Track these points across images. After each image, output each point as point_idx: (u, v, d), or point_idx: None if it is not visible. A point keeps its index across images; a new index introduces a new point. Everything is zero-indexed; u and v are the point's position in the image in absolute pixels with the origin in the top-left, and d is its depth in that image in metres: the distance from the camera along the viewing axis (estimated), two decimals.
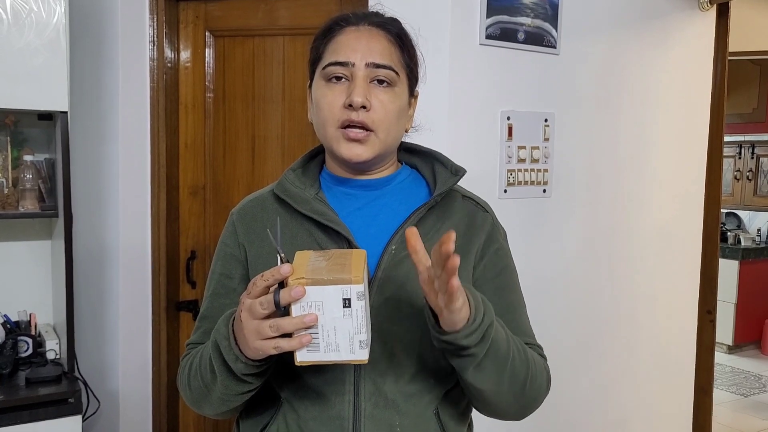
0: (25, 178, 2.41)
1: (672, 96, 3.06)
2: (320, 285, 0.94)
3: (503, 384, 1.12)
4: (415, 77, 1.27)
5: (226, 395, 1.13)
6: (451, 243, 0.88)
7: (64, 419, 2.21)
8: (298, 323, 0.95)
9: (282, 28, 2.61)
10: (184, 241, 2.75)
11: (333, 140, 1.19)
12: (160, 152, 2.67)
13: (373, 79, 1.18)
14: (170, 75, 2.68)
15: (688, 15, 3.09)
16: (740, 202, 6.90)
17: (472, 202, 1.30)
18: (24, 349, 2.41)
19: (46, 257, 2.66)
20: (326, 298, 0.95)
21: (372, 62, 1.17)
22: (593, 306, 2.88)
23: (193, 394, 1.20)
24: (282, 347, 0.97)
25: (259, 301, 0.97)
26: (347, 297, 0.95)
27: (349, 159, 1.18)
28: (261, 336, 0.98)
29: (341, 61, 1.17)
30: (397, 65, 1.20)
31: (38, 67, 2.25)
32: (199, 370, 1.16)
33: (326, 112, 1.18)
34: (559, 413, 2.78)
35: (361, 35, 1.20)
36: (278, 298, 0.95)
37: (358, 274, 0.95)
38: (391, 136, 1.20)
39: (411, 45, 1.26)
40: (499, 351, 1.08)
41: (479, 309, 1.03)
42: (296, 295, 0.94)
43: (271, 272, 0.97)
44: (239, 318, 1.01)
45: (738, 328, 6.57)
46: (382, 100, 1.17)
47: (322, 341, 0.97)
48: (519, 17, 2.51)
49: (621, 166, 2.90)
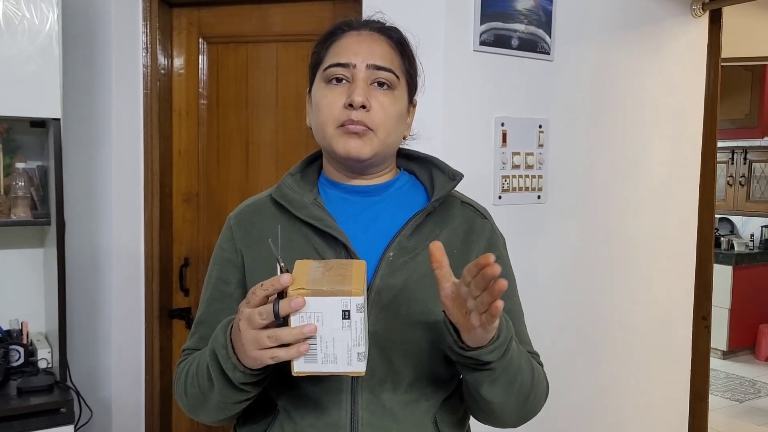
0: (18, 185, 2.39)
1: (665, 102, 3.07)
2: (320, 296, 0.94)
3: (512, 396, 1.12)
4: (414, 85, 1.27)
5: (223, 403, 1.12)
6: (497, 266, 0.89)
7: (56, 429, 2.18)
8: (297, 334, 0.94)
9: (275, 35, 2.60)
10: (178, 249, 2.74)
11: (332, 138, 1.18)
12: (153, 159, 2.66)
13: (374, 81, 1.18)
14: (163, 82, 2.67)
15: (681, 21, 3.10)
16: (733, 207, 6.92)
17: (471, 208, 1.29)
18: (15, 358, 2.39)
19: (38, 265, 2.65)
20: (326, 310, 0.94)
21: (373, 64, 1.18)
22: (588, 312, 2.88)
23: (189, 401, 1.19)
24: (279, 357, 0.96)
25: (258, 311, 0.96)
26: (347, 309, 0.94)
27: (347, 153, 1.17)
28: (259, 346, 0.97)
29: (342, 63, 1.18)
30: (397, 69, 1.21)
31: (31, 74, 2.24)
32: (196, 377, 1.15)
33: (326, 113, 1.18)
34: (555, 419, 2.77)
35: (363, 39, 1.21)
36: (278, 308, 0.94)
37: (359, 287, 0.95)
38: (390, 138, 1.20)
39: (411, 53, 1.26)
40: (513, 365, 1.08)
41: (502, 323, 1.04)
42: (296, 305, 0.93)
43: (271, 282, 0.96)
44: (237, 327, 1.00)
45: (732, 334, 6.57)
46: (381, 102, 1.17)
47: (320, 352, 0.96)
48: (513, 24, 2.51)
49: (615, 172, 2.91)
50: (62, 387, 2.29)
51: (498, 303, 0.92)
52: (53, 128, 2.29)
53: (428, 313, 1.16)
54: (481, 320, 0.96)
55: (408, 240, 1.20)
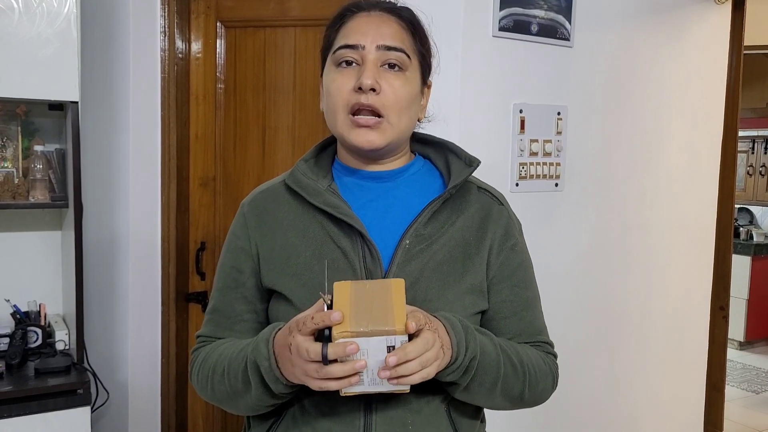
0: (36, 168, 2.40)
1: (686, 90, 3.03)
2: (366, 336, 0.96)
3: (494, 398, 1.16)
4: (428, 65, 1.25)
5: (257, 405, 1.14)
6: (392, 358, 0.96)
7: (73, 410, 2.21)
8: (348, 370, 0.96)
9: (293, 19, 2.59)
10: (194, 233, 2.74)
11: (343, 128, 1.17)
12: (170, 143, 2.66)
13: (384, 63, 1.16)
14: (181, 66, 2.67)
15: (704, 7, 3.05)
16: (753, 197, 6.84)
17: (488, 194, 1.28)
18: (33, 340, 2.41)
19: (56, 248, 2.66)
20: (371, 347, 0.97)
21: (383, 44, 1.15)
22: (605, 301, 2.86)
23: (216, 396, 1.20)
24: (329, 388, 0.99)
25: (306, 348, 0.98)
26: (392, 345, 0.97)
27: (361, 146, 1.16)
28: (307, 374, 0.99)
29: (351, 44, 1.16)
30: (408, 49, 1.18)
31: (49, 56, 2.24)
32: (227, 376, 1.15)
33: (335, 97, 1.16)
34: (570, 408, 2.77)
35: (372, 20, 1.18)
36: (326, 351, 0.96)
37: (401, 322, 0.97)
38: (402, 122, 1.18)
39: (423, 32, 1.24)
40: (487, 375, 1.11)
41: (461, 345, 1.05)
42: (350, 352, 0.95)
43: (321, 317, 0.98)
44: (287, 347, 1.02)
45: (750, 325, 6.52)
46: (392, 84, 1.15)
47: (367, 377, 0.99)
48: (532, 9, 2.49)
49: (634, 160, 2.88)
50: (79, 368, 2.31)
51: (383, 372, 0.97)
52: (71, 111, 2.30)
53: (444, 300, 1.15)
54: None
55: (424, 227, 1.19)
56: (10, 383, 2.16)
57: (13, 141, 2.46)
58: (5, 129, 2.45)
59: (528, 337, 1.24)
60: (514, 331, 1.23)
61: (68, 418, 2.20)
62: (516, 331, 1.23)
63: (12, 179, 2.41)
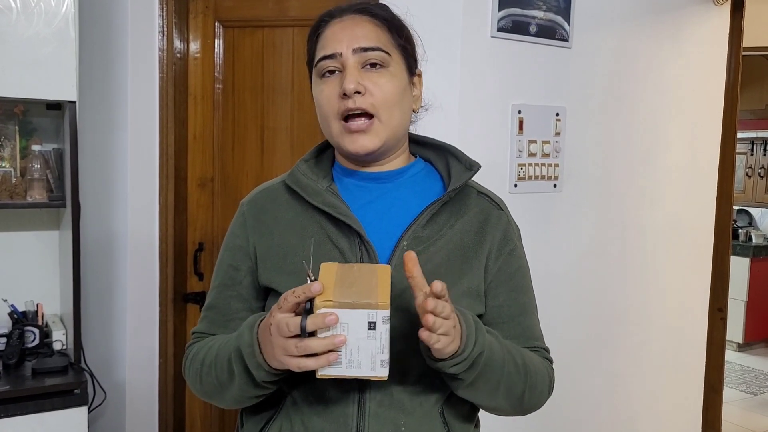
0: (33, 168, 2.40)
1: (685, 91, 3.03)
2: (347, 308, 0.96)
3: (497, 398, 1.14)
4: (411, 56, 1.25)
5: (241, 396, 1.14)
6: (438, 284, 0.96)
7: (70, 410, 2.20)
8: (326, 345, 0.96)
9: (292, 19, 2.59)
10: (192, 233, 2.74)
11: (338, 136, 1.18)
12: (168, 143, 2.66)
13: (365, 63, 1.16)
14: (179, 66, 2.67)
15: (703, 9, 3.05)
16: (752, 199, 6.85)
17: (487, 198, 1.28)
18: (30, 340, 2.41)
19: (53, 247, 2.66)
20: (352, 321, 0.96)
21: (359, 47, 1.16)
22: (603, 302, 2.86)
23: (204, 388, 1.20)
24: (308, 366, 0.97)
25: (286, 322, 0.97)
26: (373, 320, 0.97)
27: (356, 152, 1.17)
28: (287, 353, 0.98)
29: (329, 54, 1.17)
30: (386, 45, 1.18)
31: (47, 56, 2.24)
32: (214, 368, 1.15)
33: (325, 107, 1.18)
34: (568, 410, 2.76)
35: (345, 25, 1.19)
36: (305, 323, 0.95)
37: (385, 299, 0.97)
38: (395, 118, 1.18)
39: (401, 25, 1.24)
40: (492, 373, 1.10)
41: (470, 338, 1.04)
42: (330, 323, 0.95)
43: (302, 290, 0.97)
44: (267, 329, 1.01)
45: (748, 326, 6.52)
46: (377, 83, 1.15)
47: (345, 358, 0.98)
48: (531, 10, 2.49)
49: (632, 162, 2.88)
50: (76, 368, 2.30)
51: (427, 317, 0.95)
52: (69, 111, 2.30)
53: None
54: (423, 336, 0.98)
55: (423, 229, 1.19)
56: (7, 383, 2.16)
57: (10, 140, 2.45)
58: (3, 128, 2.45)
59: (525, 342, 1.24)
60: (510, 335, 1.22)
61: (65, 418, 2.20)
62: (512, 335, 1.22)
63: (10, 179, 2.41)
